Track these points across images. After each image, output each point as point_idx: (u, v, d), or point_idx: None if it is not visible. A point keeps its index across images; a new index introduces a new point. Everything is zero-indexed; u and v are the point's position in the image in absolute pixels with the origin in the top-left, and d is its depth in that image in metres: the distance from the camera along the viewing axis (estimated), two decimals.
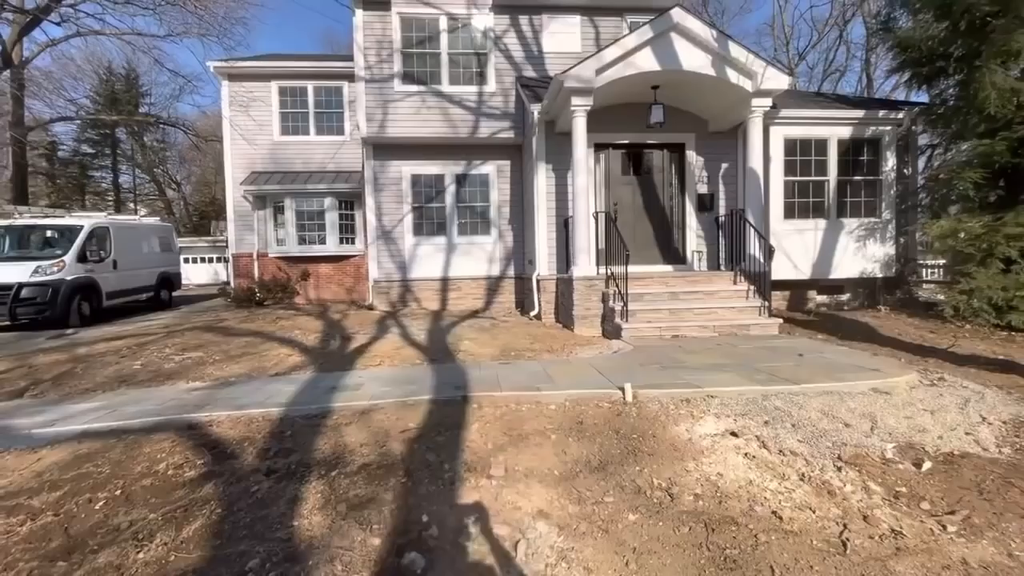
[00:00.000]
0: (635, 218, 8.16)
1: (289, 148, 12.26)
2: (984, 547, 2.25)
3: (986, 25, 6.88)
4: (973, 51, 7.03)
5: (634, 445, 3.12)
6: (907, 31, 8.01)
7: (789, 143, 8.17)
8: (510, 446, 3.15)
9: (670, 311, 6.45)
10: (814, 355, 4.96)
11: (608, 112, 7.59)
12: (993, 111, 6.70)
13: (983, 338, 6.02)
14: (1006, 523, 2.41)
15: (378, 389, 4.18)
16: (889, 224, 8.37)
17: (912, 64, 8.09)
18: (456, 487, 2.71)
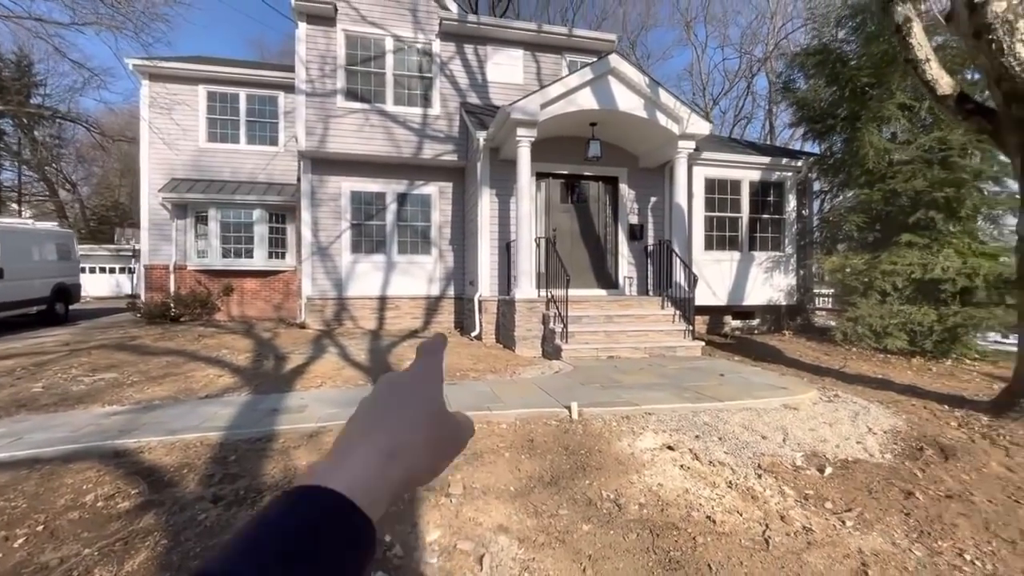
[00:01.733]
0: (572, 244, 8.59)
1: (216, 156, 11.62)
2: (874, 537, 2.67)
3: (865, 93, 8.12)
4: (855, 114, 8.25)
5: (583, 460, 3.33)
6: (804, 92, 9.24)
7: (709, 182, 9.04)
8: (466, 465, 3.24)
9: (606, 333, 6.84)
10: (733, 375, 5.49)
11: (550, 144, 8.02)
12: (871, 166, 7.88)
13: (866, 360, 6.96)
14: (889, 517, 2.86)
15: (325, 411, 4.10)
16: (791, 258, 9.45)
17: (808, 120, 9.32)
18: (416, 506, 2.76)
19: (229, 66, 11.77)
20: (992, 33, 3.88)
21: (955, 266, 7.13)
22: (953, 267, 7.12)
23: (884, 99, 7.77)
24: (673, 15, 32.02)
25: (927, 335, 7.18)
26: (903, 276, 7.36)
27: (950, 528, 2.77)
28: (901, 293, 7.47)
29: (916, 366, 6.74)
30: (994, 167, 7.33)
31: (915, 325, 7.23)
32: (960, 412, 4.44)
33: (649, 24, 31.44)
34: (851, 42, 8.83)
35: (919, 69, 4.68)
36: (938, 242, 7.45)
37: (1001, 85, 4.07)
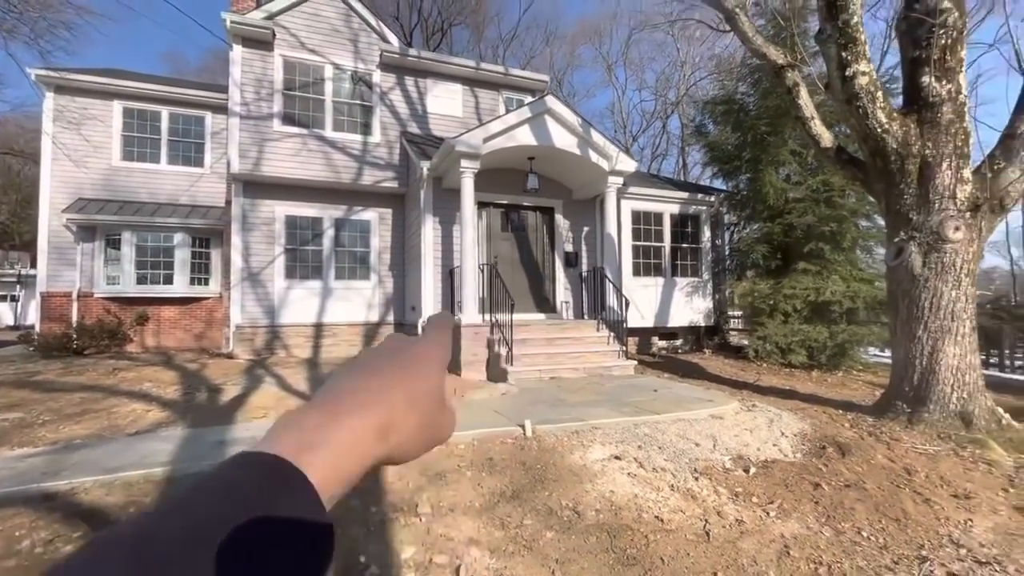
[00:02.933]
0: (513, 270, 8.93)
1: (133, 176, 10.85)
2: (792, 524, 3.10)
3: (764, 140, 9.31)
4: (757, 157, 9.42)
5: (540, 474, 3.54)
6: (714, 136, 10.40)
7: (636, 214, 9.82)
8: (430, 485, 3.33)
9: (547, 355, 7.15)
10: (665, 390, 5.98)
11: (490, 175, 8.38)
12: (772, 203, 9.00)
13: (775, 373, 7.81)
14: (803, 506, 3.33)
15: None
16: (708, 283, 10.40)
17: (718, 161, 10.46)
18: (387, 527, 2.82)
19: (150, 82, 11.14)
20: (859, 101, 4.75)
21: (841, 290, 8.26)
22: (839, 291, 8.24)
23: (779, 146, 8.97)
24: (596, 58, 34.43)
25: (822, 350, 8.21)
26: (801, 299, 8.40)
27: (850, 512, 3.28)
28: (800, 314, 8.50)
29: (815, 378, 7.67)
30: (866, 206, 8.66)
31: (812, 342, 8.23)
32: (851, 415, 5.18)
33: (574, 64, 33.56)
34: (751, 95, 10.11)
35: (806, 125, 5.55)
36: (827, 269, 8.60)
37: (867, 143, 4.96)
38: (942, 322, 4.59)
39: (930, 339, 4.67)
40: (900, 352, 4.96)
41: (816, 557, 2.78)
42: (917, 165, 4.72)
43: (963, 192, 4.61)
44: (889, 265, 5.11)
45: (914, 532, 3.10)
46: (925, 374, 4.70)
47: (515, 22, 40.97)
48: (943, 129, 4.62)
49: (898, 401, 4.91)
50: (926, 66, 4.66)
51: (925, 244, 4.67)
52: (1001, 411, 4.69)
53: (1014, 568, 2.76)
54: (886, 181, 4.95)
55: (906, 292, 4.84)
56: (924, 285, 4.67)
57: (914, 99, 4.83)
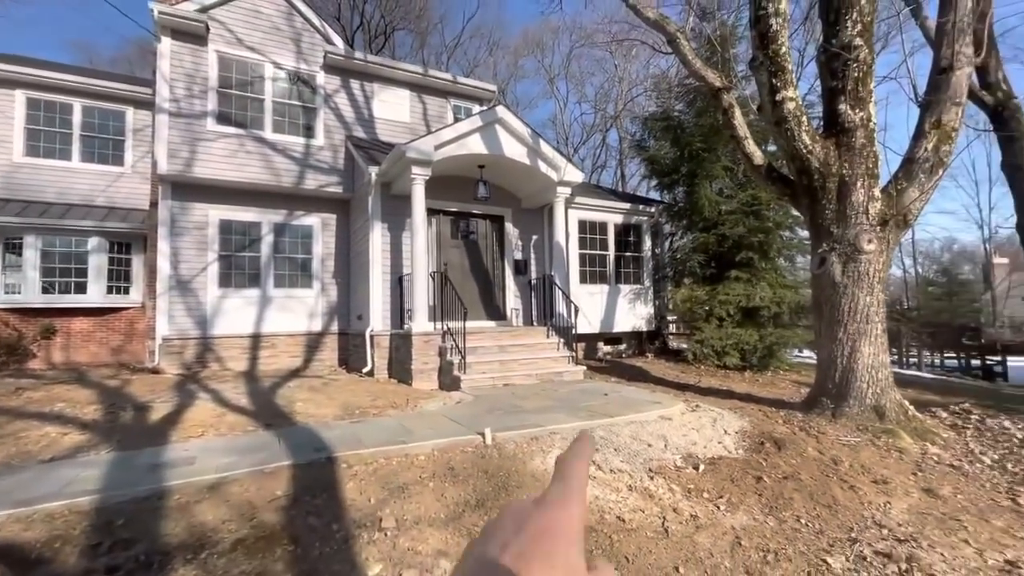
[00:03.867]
0: (463, 278, 8.90)
1: (39, 173, 9.80)
2: (741, 516, 3.31)
3: (700, 155, 9.91)
4: (693, 172, 10.01)
5: (503, 481, 3.56)
6: (654, 151, 10.94)
7: (582, 223, 10.11)
8: (392, 499, 3.26)
9: (500, 362, 7.19)
10: (615, 394, 6.18)
11: (441, 182, 8.33)
12: (707, 215, 9.58)
13: (713, 375, 8.29)
14: (748, 499, 3.57)
15: (220, 461, 3.75)
16: (649, 290, 10.88)
17: (657, 174, 11.00)
18: (351, 544, 2.73)
19: (60, 71, 10.14)
20: (787, 124, 5.20)
21: (769, 296, 8.92)
22: (767, 297, 8.90)
23: (714, 162, 9.59)
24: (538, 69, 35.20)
25: (753, 352, 8.81)
26: (733, 304, 8.98)
27: (789, 501, 3.55)
28: (733, 319, 9.08)
29: (748, 378, 8.22)
30: (789, 219, 9.43)
31: (744, 345, 8.82)
32: (783, 412, 5.60)
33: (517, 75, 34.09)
34: (687, 113, 10.74)
35: (741, 144, 5.99)
36: (756, 277, 9.26)
37: (795, 162, 5.43)
38: (859, 325, 5.09)
39: (849, 340, 5.16)
40: (824, 352, 5.44)
41: (764, 545, 2.99)
42: (836, 183, 5.23)
43: (874, 208, 5.15)
44: (813, 273, 5.60)
45: (844, 516, 3.41)
46: (846, 372, 5.18)
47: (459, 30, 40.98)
48: (857, 152, 5.15)
49: (823, 397, 5.37)
50: (842, 95, 5.19)
51: (844, 255, 5.17)
52: (907, 403, 5.26)
53: (927, 543, 3.11)
54: (810, 197, 5.43)
55: (828, 298, 5.32)
56: (844, 292, 5.16)
57: (832, 124, 5.35)
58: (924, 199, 5.23)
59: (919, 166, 5.18)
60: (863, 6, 5.07)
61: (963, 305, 24.47)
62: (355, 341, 8.94)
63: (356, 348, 8.81)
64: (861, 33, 5.07)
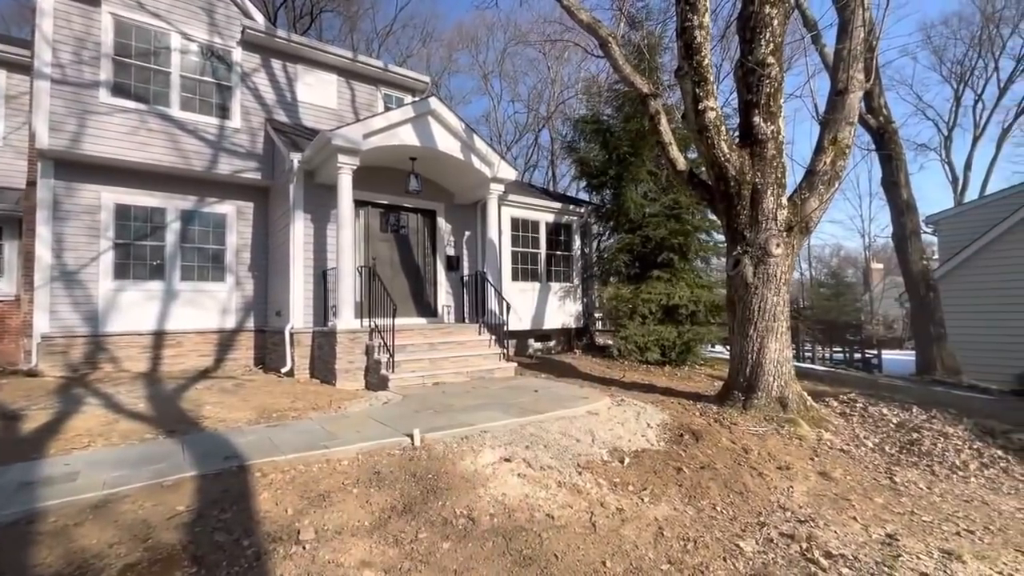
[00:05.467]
0: (393, 273, 8.59)
1: None
2: (663, 507, 3.42)
3: (626, 159, 10.25)
4: (620, 175, 10.34)
5: (432, 484, 3.43)
6: (584, 152, 11.18)
7: (515, 220, 10.12)
8: (312, 508, 3.02)
9: (430, 360, 7.01)
10: (545, 390, 6.23)
11: (370, 173, 7.96)
12: (632, 216, 9.94)
13: (635, 370, 8.62)
14: (670, 490, 3.70)
15: (108, 475, 3.30)
16: (578, 288, 11.12)
17: (587, 176, 11.26)
18: (265, 561, 2.49)
19: None
20: (708, 132, 5.47)
21: (687, 295, 9.41)
22: (686, 296, 9.39)
23: (639, 166, 9.96)
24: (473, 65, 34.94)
25: (672, 348, 9.26)
26: (655, 303, 9.39)
27: (706, 490, 3.72)
28: (655, 316, 9.49)
29: (668, 373, 8.63)
30: (706, 223, 10.01)
31: (664, 341, 9.25)
32: (700, 405, 5.91)
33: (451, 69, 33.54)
34: (616, 118, 11.07)
35: (666, 150, 6.23)
36: (676, 277, 9.73)
37: (714, 169, 5.72)
38: (768, 323, 5.48)
39: (759, 337, 5.54)
40: (736, 348, 5.80)
41: (684, 535, 3.10)
42: (750, 191, 5.58)
43: (782, 215, 5.56)
44: (728, 274, 5.95)
45: (754, 502, 3.63)
46: (755, 367, 5.56)
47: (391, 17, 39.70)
48: (768, 162, 5.53)
49: (735, 391, 5.73)
50: (756, 108, 5.54)
51: (755, 257, 5.53)
52: (806, 395, 5.74)
53: (823, 523, 3.38)
54: (727, 203, 5.76)
55: (741, 298, 5.68)
56: (755, 292, 5.53)
57: (747, 135, 5.70)
58: (823, 208, 5.72)
59: (819, 178, 5.66)
60: (775, 28, 5.44)
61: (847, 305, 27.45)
62: (273, 339, 8.34)
63: (274, 347, 8.22)
64: (773, 52, 5.44)
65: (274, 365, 8.12)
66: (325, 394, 6.22)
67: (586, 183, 11.51)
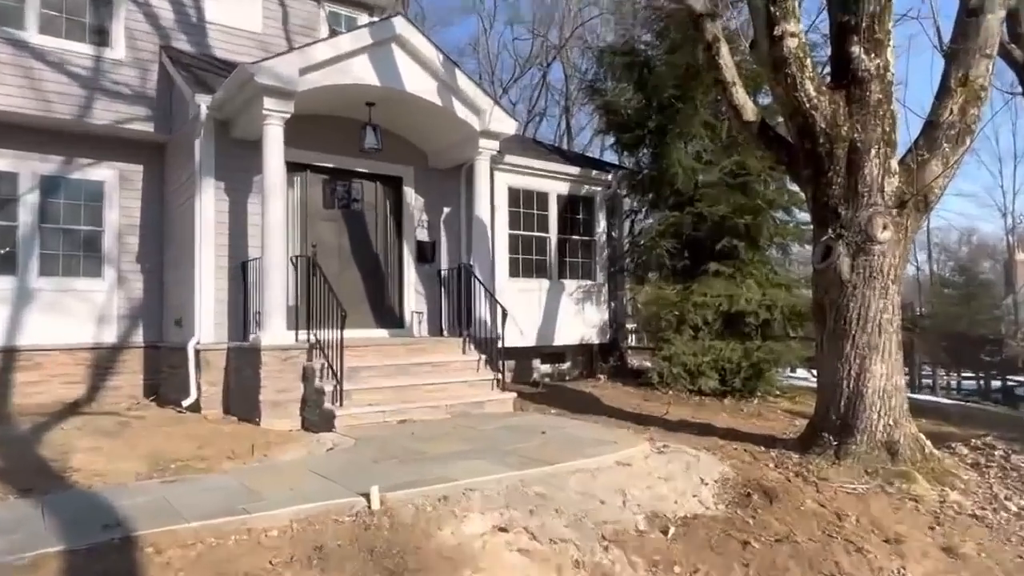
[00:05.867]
0: (341, 267, 8.63)
1: None
2: None
3: (672, 105, 10.30)
4: (663, 127, 10.40)
5: (398, 563, 3.43)
6: (613, 96, 11.24)
7: (514, 192, 10.17)
8: None
9: (394, 389, 7.04)
10: (556, 432, 6.26)
11: (310, 124, 7.98)
12: (680, 186, 9.99)
13: (684, 403, 8.67)
14: (733, 573, 3.73)
15: None
16: (603, 287, 11.18)
17: (617, 128, 11.34)
18: None
19: None
20: (788, 68, 5.49)
21: (756, 298, 9.47)
22: (754, 299, 9.45)
23: (690, 115, 10.01)
24: None
25: (735, 373, 9.33)
26: (712, 309, 9.44)
27: (783, 571, 3.75)
28: (712, 328, 9.55)
29: (729, 407, 8.68)
30: (785, 196, 10.06)
31: (725, 363, 9.31)
32: (774, 452, 5.94)
33: None
34: (657, 47, 11.13)
35: (728, 91, 6.26)
36: (741, 272, 9.80)
37: (794, 119, 5.76)
38: (870, 336, 5.51)
39: (857, 357, 5.57)
40: (827, 373, 5.83)
41: None
42: (845, 150, 5.61)
43: (890, 186, 5.59)
44: (815, 268, 5.98)
45: None
46: (852, 399, 5.59)
47: None
48: (871, 110, 5.56)
49: (824, 432, 5.76)
50: (855, 34, 5.57)
51: (853, 244, 5.57)
52: (924, 438, 5.78)
53: None
54: (814, 167, 5.79)
55: (833, 301, 5.71)
56: (852, 293, 5.56)
57: (842, 73, 5.73)
58: (948, 175, 5.75)
59: (943, 132, 5.69)
60: None
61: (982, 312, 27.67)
62: (172, 359, 8.37)
63: (173, 370, 8.25)
64: None
65: (173, 395, 8.14)
66: (245, 436, 6.23)
67: (615, 139, 11.57)
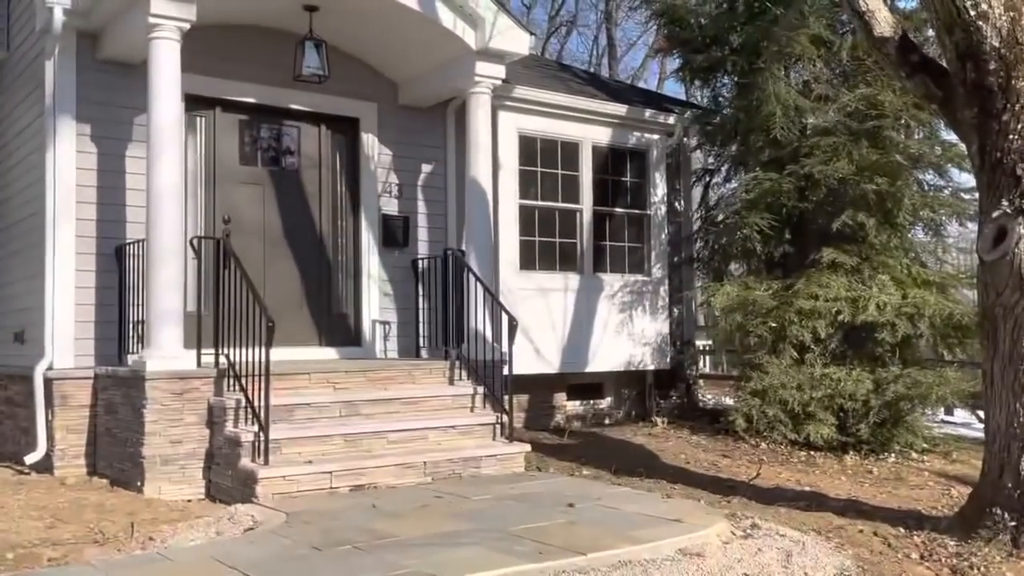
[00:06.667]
0: (267, 254, 8.63)
1: None
2: None
3: (767, 12, 10.22)
4: (754, 45, 10.32)
5: None
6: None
7: (527, 143, 10.14)
8: None
9: (346, 439, 7.01)
10: (589, 503, 6.21)
11: (220, 40, 8.03)
12: (778, 134, 9.91)
13: (784, 461, 8.62)
14: None
15: None
16: (661, 286, 11.12)
17: (683, 46, 11.30)
18: None
19: None
20: None
21: (894, 302, 9.39)
22: (892, 303, 9.36)
23: (794, 27, 9.91)
24: None
25: (862, 415, 9.25)
26: (827, 318, 9.37)
27: None
28: (825, 347, 9.49)
29: (851, 467, 8.62)
30: (937, 150, 9.98)
31: (845, 399, 9.23)
32: (920, 537, 5.87)
33: None
34: None
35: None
36: (870, 262, 9.73)
37: (953, 34, 5.68)
38: None
39: None
40: (1000, 417, 5.75)
41: None
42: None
43: None
44: (983, 259, 5.90)
45: None
46: None
47: None
48: None
49: (996, 508, 5.68)
50: None
51: None
52: None
53: None
54: (981, 106, 5.71)
55: (1010, 309, 5.63)
56: None
57: None
58: None
59: None
60: None
61: None
62: (9, 392, 8.52)
63: (11, 408, 8.36)
64: None
65: (10, 448, 8.24)
66: (121, 509, 6.25)
67: (681, 63, 11.56)
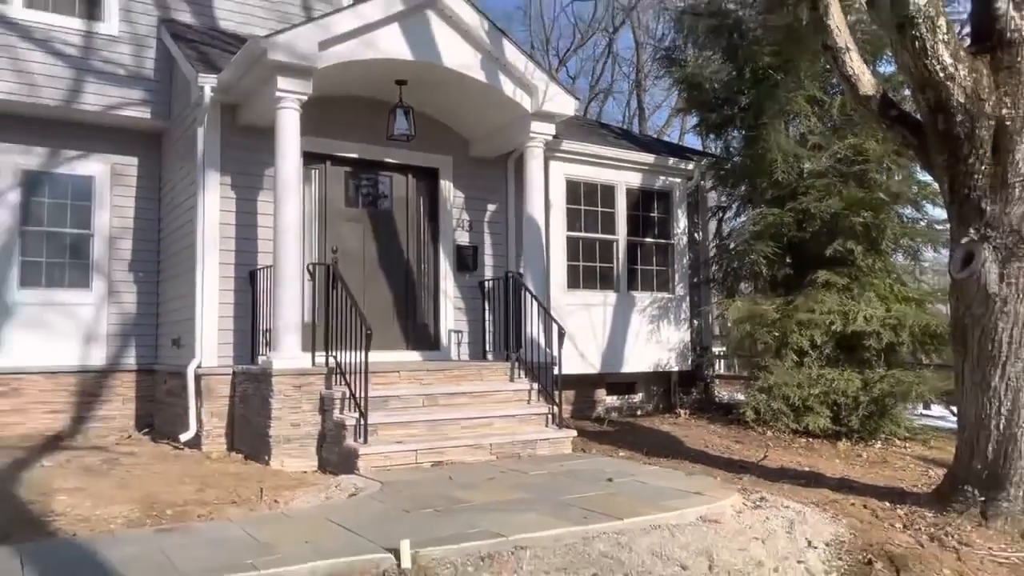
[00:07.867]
0: (366, 277, 8.82)
1: None
2: None
3: (769, 78, 10.20)
4: (759, 104, 10.30)
5: None
6: (695, 68, 11.20)
7: (572, 186, 10.23)
8: None
9: (428, 424, 7.13)
10: (625, 479, 6.24)
11: (331, 108, 8.23)
12: (780, 177, 9.87)
13: (786, 446, 8.53)
14: None
15: None
16: (684, 302, 11.10)
17: (700, 106, 11.30)
18: None
19: None
20: (916, 28, 5.39)
21: (879, 315, 9.26)
22: (877, 316, 9.24)
23: (792, 88, 9.89)
24: None
25: (852, 409, 9.12)
26: (823, 328, 9.27)
27: None
28: (821, 352, 9.38)
29: (844, 452, 8.50)
30: (913, 188, 9.84)
31: (838, 396, 9.12)
32: (903, 509, 5.79)
33: None
34: (749, 6, 11.05)
35: (839, 60, 6.19)
36: (859, 282, 9.60)
37: (925, 92, 5.64)
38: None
39: (1009, 390, 5.39)
40: (969, 410, 5.66)
41: None
42: (991, 131, 5.47)
43: None
44: (953, 278, 5.83)
45: None
46: (1003, 443, 5.41)
47: None
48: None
49: (967, 485, 5.59)
50: None
51: (1003, 248, 5.40)
52: None
53: None
54: (950, 151, 5.65)
55: (977, 320, 5.55)
56: (1002, 309, 5.39)
57: (985, 34, 5.60)
58: None
59: None
60: None
61: None
62: (169, 385, 8.70)
63: (170, 398, 8.55)
64: None
65: (169, 428, 8.43)
66: (253, 478, 6.41)
67: (698, 120, 11.60)
